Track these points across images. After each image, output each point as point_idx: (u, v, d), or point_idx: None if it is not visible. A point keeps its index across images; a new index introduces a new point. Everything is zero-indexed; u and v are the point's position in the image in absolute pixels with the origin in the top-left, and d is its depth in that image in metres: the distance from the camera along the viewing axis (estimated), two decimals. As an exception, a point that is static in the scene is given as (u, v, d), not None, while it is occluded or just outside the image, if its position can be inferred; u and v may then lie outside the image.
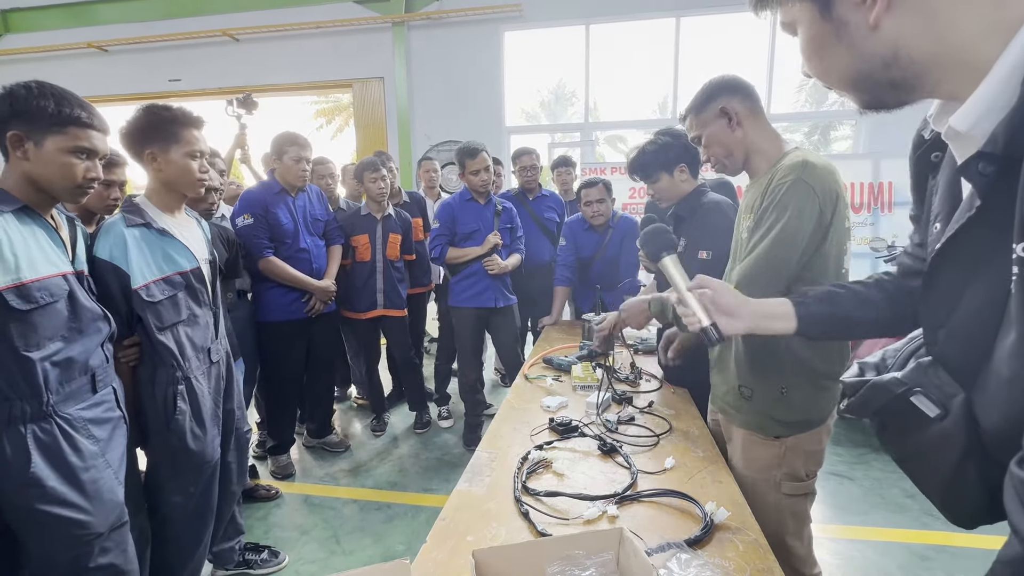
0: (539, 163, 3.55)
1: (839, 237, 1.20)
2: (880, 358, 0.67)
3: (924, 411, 0.55)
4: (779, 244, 1.17)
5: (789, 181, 1.16)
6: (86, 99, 1.31)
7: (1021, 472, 0.39)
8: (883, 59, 0.51)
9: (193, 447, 1.62)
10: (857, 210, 4.27)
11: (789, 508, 1.29)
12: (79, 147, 1.27)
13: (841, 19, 0.52)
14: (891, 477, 2.67)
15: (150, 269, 1.55)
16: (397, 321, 3.22)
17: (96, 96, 6.38)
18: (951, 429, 0.53)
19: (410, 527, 2.37)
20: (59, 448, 1.26)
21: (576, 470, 1.32)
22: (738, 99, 1.29)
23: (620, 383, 1.92)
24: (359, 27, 5.77)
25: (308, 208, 2.80)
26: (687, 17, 5.44)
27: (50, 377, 1.24)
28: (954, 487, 0.55)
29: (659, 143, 1.87)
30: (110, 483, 1.35)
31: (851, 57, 0.53)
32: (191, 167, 1.62)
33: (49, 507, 1.23)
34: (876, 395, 0.61)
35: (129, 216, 1.57)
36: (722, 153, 1.32)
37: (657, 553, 0.97)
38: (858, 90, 0.56)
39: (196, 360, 1.65)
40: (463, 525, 1.11)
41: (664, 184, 1.90)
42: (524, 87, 11.11)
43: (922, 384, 0.56)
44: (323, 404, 3.14)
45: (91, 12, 6.27)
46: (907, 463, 0.61)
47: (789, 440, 1.28)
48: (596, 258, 2.97)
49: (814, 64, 0.58)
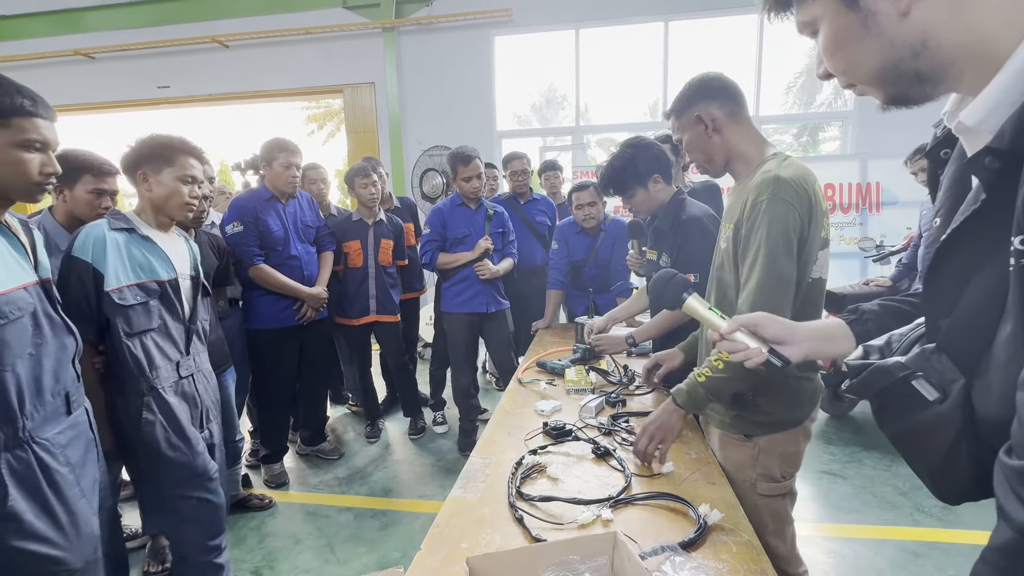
0: (530, 167, 3.57)
1: (811, 245, 1.17)
2: (885, 341, 0.69)
3: (924, 394, 0.57)
4: (774, 267, 1.13)
5: (764, 200, 1.14)
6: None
7: (1009, 460, 0.40)
8: (912, 47, 0.51)
9: (171, 455, 1.58)
10: (845, 210, 4.33)
11: (767, 508, 1.30)
12: (28, 140, 1.14)
13: (869, 8, 0.52)
14: (883, 475, 2.70)
15: (126, 273, 1.54)
16: (390, 327, 3.21)
17: (84, 104, 6.34)
18: (948, 412, 0.56)
19: (405, 534, 2.36)
20: (35, 478, 1.15)
21: (570, 474, 1.32)
22: (717, 104, 1.26)
23: (613, 386, 1.93)
24: (349, 33, 5.77)
25: (299, 215, 2.80)
26: (675, 21, 5.50)
27: (24, 399, 1.14)
28: (945, 467, 0.57)
29: (626, 156, 1.84)
30: (85, 515, 1.26)
31: (879, 47, 0.53)
32: (181, 190, 1.63)
33: (24, 543, 1.12)
34: (879, 377, 0.62)
35: (114, 220, 1.57)
36: (702, 158, 1.33)
37: (651, 556, 0.98)
38: (885, 83, 0.56)
39: (165, 371, 1.60)
40: (457, 532, 1.10)
41: (640, 197, 1.89)
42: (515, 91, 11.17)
43: (924, 369, 0.58)
44: (316, 411, 3.12)
45: (78, 19, 6.22)
46: (902, 443, 0.63)
47: (762, 440, 1.28)
48: (588, 261, 2.98)
49: (838, 60, 0.58)
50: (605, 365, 2.11)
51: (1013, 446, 0.41)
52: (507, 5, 5.41)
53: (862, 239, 4.15)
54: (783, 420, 1.27)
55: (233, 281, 2.58)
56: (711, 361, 1.24)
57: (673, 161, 2.40)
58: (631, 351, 2.36)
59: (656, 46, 5.61)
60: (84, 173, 1.86)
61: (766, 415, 1.26)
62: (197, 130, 3.56)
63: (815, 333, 0.91)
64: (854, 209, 4.30)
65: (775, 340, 0.90)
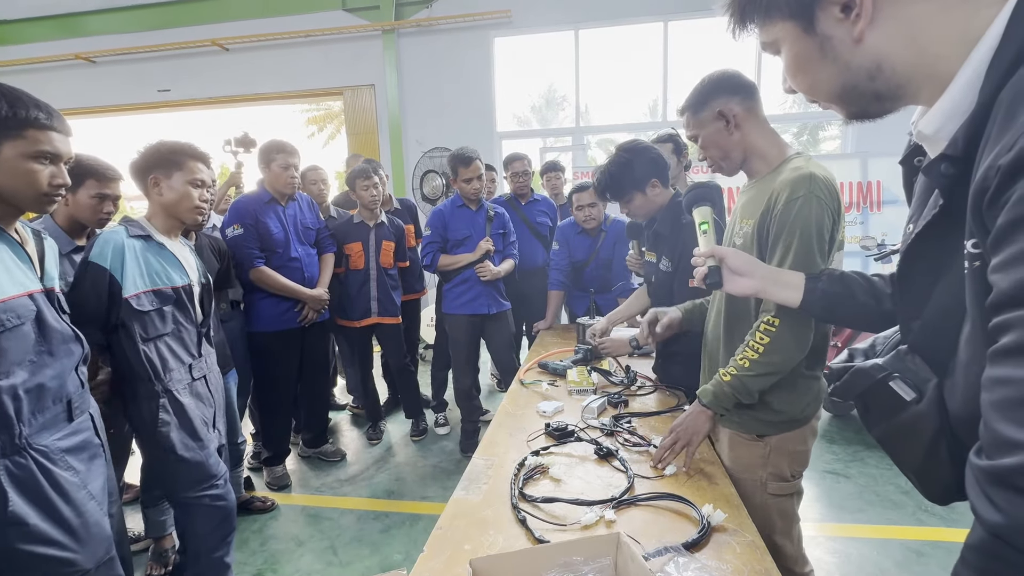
0: (531, 168, 3.56)
1: (834, 247, 1.19)
2: (870, 344, 0.71)
3: (901, 395, 0.60)
4: (803, 265, 1.12)
5: (800, 198, 1.12)
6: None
7: (979, 461, 0.41)
8: (868, 71, 0.54)
9: (187, 456, 1.63)
10: (847, 209, 4.31)
11: (776, 507, 1.30)
12: (41, 152, 1.17)
13: (825, 34, 0.55)
14: (886, 474, 2.69)
15: (143, 280, 1.60)
16: (392, 328, 3.21)
17: (85, 107, 6.35)
18: (925, 411, 0.58)
19: (408, 536, 2.36)
20: (36, 483, 1.16)
21: (573, 475, 1.32)
22: (737, 100, 1.24)
23: (615, 387, 1.93)
24: (349, 35, 5.77)
25: (299, 216, 2.80)
26: (674, 21, 5.49)
27: (22, 407, 1.14)
28: (928, 465, 0.59)
29: (623, 161, 1.82)
30: (95, 516, 1.27)
31: (837, 70, 0.56)
32: (191, 194, 1.68)
33: (32, 547, 1.13)
34: (859, 380, 0.65)
35: (131, 227, 1.63)
36: (719, 155, 1.29)
37: (655, 557, 0.97)
38: (844, 102, 0.59)
39: (179, 374, 1.66)
40: (460, 534, 1.10)
41: (638, 202, 1.87)
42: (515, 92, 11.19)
43: (900, 370, 0.61)
44: (318, 414, 3.12)
45: (79, 23, 6.24)
46: (887, 443, 0.65)
47: (773, 440, 1.28)
48: (589, 262, 2.98)
49: (800, 80, 0.60)
50: (607, 365, 2.11)
51: (982, 446, 0.42)
52: (506, 6, 5.41)
53: (863, 238, 4.14)
54: (794, 418, 1.27)
55: (234, 284, 2.58)
56: (736, 360, 1.23)
57: (674, 163, 2.40)
58: (634, 352, 2.37)
59: (656, 46, 5.61)
60: (87, 178, 1.87)
61: (776, 414, 1.27)
62: (197, 134, 3.56)
63: (772, 275, 1.06)
64: (855, 208, 4.29)
65: (736, 270, 1.06)
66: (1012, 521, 0.38)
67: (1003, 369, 0.40)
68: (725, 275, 1.07)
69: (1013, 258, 0.39)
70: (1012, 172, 0.39)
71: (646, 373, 2.05)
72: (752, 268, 1.05)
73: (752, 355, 1.19)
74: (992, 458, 0.40)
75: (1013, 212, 0.39)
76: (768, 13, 0.59)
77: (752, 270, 1.05)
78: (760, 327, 1.19)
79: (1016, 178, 0.39)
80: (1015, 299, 0.39)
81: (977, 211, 0.44)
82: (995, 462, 0.39)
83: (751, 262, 1.07)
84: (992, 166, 0.41)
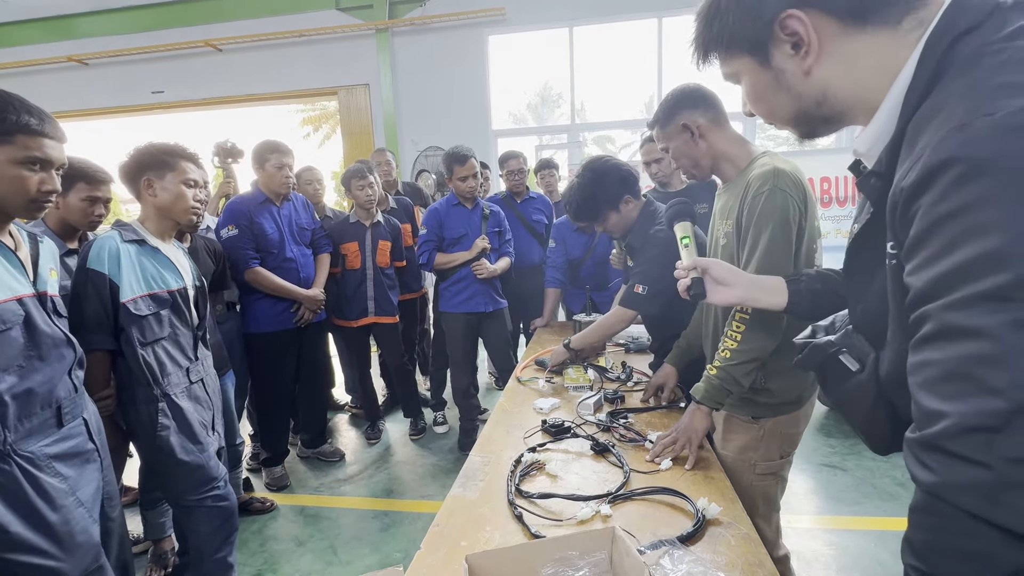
0: (526, 166, 3.56)
1: (810, 235, 1.25)
2: (831, 322, 0.81)
3: (848, 366, 0.70)
4: (773, 254, 1.20)
5: (766, 191, 1.20)
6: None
7: (911, 435, 0.48)
8: (816, 99, 0.62)
9: (187, 459, 1.63)
10: (841, 203, 4.33)
11: (761, 491, 1.35)
12: (30, 157, 1.15)
13: (779, 68, 0.62)
14: (883, 467, 2.70)
15: (139, 284, 1.59)
16: (389, 328, 3.21)
17: (78, 110, 6.32)
18: (866, 380, 0.68)
19: (408, 534, 2.37)
20: (21, 490, 1.13)
21: (569, 471, 1.32)
22: (700, 112, 1.33)
23: (612, 383, 1.93)
24: (343, 35, 5.76)
25: (294, 217, 2.79)
26: (668, 18, 5.49)
27: (8, 412, 1.12)
28: (870, 424, 0.69)
29: (591, 183, 1.80)
30: (83, 523, 1.24)
31: (790, 98, 0.64)
32: (185, 194, 1.67)
33: (14, 555, 1.10)
34: (815, 354, 0.76)
35: (124, 232, 1.61)
36: (689, 164, 1.39)
37: (650, 551, 0.98)
38: (798, 125, 0.68)
39: (176, 377, 1.65)
40: (457, 530, 1.11)
41: (614, 220, 1.86)
42: (510, 90, 11.19)
43: (847, 345, 0.72)
44: (316, 414, 3.12)
45: (71, 25, 6.21)
46: (840, 406, 0.75)
47: (768, 423, 1.33)
48: (586, 259, 2.98)
49: (759, 107, 0.70)
50: (603, 362, 2.12)
51: (914, 422, 0.48)
52: (500, 4, 5.40)
53: (858, 231, 4.14)
54: (788, 402, 1.33)
55: (230, 285, 2.58)
56: (719, 353, 1.30)
57: (665, 161, 2.39)
58: (629, 346, 2.37)
59: (650, 43, 5.61)
60: (78, 181, 1.86)
61: (774, 396, 1.32)
62: (191, 135, 3.57)
63: (754, 282, 1.12)
64: (850, 202, 4.30)
65: (719, 280, 1.11)
66: (942, 478, 0.44)
67: (924, 354, 0.47)
68: (708, 286, 1.13)
69: (924, 262, 0.47)
70: (913, 192, 0.48)
71: (643, 369, 2.05)
72: (734, 278, 1.12)
73: (732, 345, 1.26)
74: (922, 429, 0.46)
75: (919, 226, 0.47)
76: (729, 49, 0.66)
77: (735, 280, 1.12)
78: (735, 317, 1.27)
79: (917, 196, 0.47)
80: (928, 295, 0.46)
81: (892, 221, 0.53)
82: (924, 431, 0.46)
83: (733, 272, 1.12)
84: (897, 186, 0.50)
